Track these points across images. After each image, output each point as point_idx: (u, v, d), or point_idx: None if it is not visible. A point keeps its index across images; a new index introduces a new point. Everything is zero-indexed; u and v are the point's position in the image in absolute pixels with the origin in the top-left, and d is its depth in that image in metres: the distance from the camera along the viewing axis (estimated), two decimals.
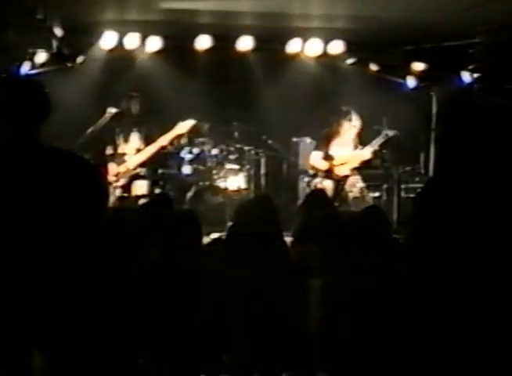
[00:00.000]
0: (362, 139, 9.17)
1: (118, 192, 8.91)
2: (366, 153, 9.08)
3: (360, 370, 4.57)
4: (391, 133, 9.17)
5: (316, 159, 9.15)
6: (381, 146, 9.21)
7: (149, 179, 9.09)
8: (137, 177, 9.00)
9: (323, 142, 9.17)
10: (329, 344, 4.62)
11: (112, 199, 8.70)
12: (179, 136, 9.36)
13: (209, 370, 4.69)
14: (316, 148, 9.23)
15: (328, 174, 9.13)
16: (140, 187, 8.97)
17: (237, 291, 4.62)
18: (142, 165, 8.98)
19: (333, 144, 9.13)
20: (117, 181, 8.90)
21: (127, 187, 8.95)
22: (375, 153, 9.18)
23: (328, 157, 9.11)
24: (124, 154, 8.96)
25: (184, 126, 9.07)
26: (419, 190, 2.36)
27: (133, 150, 8.97)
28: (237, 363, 4.70)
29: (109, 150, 8.96)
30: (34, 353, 3.56)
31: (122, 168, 8.91)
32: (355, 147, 9.17)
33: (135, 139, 9.01)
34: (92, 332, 3.52)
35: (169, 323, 4.49)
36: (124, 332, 4.40)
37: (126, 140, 9.01)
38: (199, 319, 4.52)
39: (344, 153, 9.10)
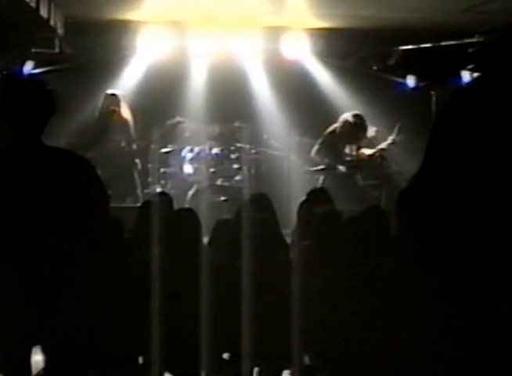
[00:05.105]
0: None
1: None
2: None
3: (358, 368, 4.59)
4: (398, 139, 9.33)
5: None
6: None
7: None
8: None
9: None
10: (328, 342, 4.65)
11: None
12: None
13: (209, 370, 4.71)
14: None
15: None
16: None
17: (237, 290, 4.65)
18: None
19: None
20: None
21: None
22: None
23: None
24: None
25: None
26: (401, 189, 2.25)
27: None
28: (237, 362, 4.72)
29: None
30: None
31: None
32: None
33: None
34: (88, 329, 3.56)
35: (170, 322, 4.52)
36: (123, 330, 4.42)
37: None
38: (198, 317, 4.55)
39: None
